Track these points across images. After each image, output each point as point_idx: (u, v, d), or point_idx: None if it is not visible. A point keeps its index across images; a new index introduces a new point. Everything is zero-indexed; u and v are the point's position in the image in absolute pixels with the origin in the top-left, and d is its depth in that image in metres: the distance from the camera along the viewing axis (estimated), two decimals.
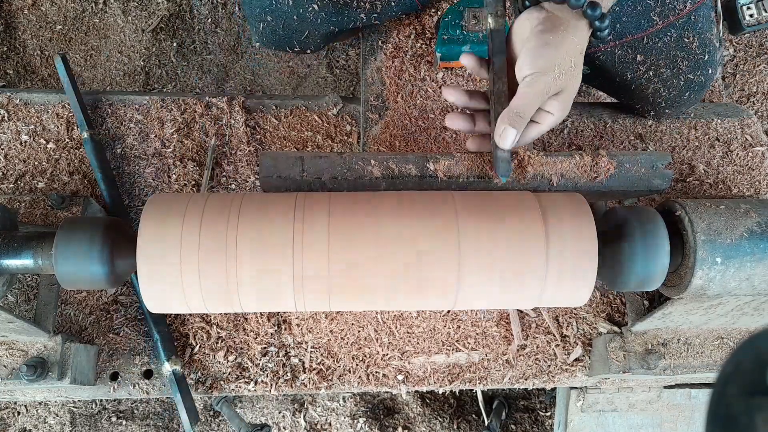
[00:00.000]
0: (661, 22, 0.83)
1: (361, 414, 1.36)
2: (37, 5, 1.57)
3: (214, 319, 0.89)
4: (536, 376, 0.90)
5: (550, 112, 0.69)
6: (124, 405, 1.36)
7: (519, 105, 0.67)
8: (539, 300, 0.68)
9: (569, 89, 0.68)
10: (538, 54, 0.66)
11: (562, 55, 0.65)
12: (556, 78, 0.66)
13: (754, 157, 1.02)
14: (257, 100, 1.02)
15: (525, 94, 0.66)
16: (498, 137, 0.68)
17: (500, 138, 0.67)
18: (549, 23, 0.66)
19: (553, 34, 0.66)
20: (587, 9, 0.65)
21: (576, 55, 0.67)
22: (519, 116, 0.66)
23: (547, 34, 0.66)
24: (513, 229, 0.65)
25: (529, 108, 0.67)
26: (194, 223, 0.65)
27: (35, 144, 0.96)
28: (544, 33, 0.66)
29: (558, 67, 0.65)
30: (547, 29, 0.66)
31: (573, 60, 0.66)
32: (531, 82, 0.66)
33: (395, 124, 0.93)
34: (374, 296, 0.67)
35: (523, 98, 0.66)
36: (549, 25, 0.66)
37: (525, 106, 0.66)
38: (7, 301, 0.86)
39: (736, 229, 0.68)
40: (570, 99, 0.69)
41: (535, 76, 0.66)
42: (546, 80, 0.65)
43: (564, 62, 0.66)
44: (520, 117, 0.66)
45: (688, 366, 0.85)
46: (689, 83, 0.90)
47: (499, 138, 0.67)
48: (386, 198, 0.68)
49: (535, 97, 0.66)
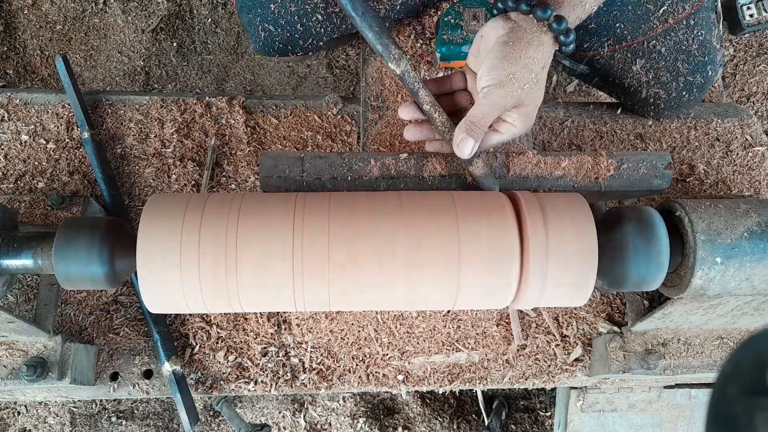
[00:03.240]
0: (660, 26, 0.83)
1: (361, 414, 1.36)
2: (37, 5, 1.57)
3: (214, 319, 0.89)
4: (536, 376, 0.90)
5: (512, 123, 0.69)
6: (124, 405, 1.36)
7: (475, 115, 0.67)
8: (539, 300, 0.68)
9: (529, 102, 0.68)
10: (496, 66, 0.66)
11: (521, 69, 0.65)
12: (514, 91, 0.66)
13: (754, 157, 1.02)
14: (257, 100, 1.02)
15: (481, 105, 0.67)
16: (456, 146, 0.68)
17: (458, 147, 0.68)
18: (513, 35, 0.66)
19: (514, 47, 0.66)
20: (553, 23, 0.65)
21: (538, 70, 0.67)
22: (475, 126, 0.67)
23: (508, 46, 0.66)
24: (513, 229, 0.65)
25: (485, 119, 0.67)
26: (194, 223, 0.65)
27: (35, 144, 0.96)
28: (506, 45, 0.66)
29: (516, 81, 0.65)
30: (509, 41, 0.66)
31: (534, 74, 0.66)
32: (487, 94, 0.66)
33: (395, 124, 0.93)
34: (374, 296, 0.67)
35: (479, 109, 0.67)
36: (512, 36, 0.66)
37: (481, 116, 0.67)
38: (7, 301, 0.86)
39: (736, 229, 0.68)
40: (532, 112, 0.70)
41: (492, 88, 0.66)
42: (502, 93, 0.66)
43: (523, 76, 0.65)
44: (477, 127, 0.67)
45: (688, 366, 0.85)
46: (689, 85, 0.90)
47: (457, 147, 0.68)
48: (386, 198, 0.68)
49: (491, 108, 0.66)
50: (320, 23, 0.87)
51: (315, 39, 0.89)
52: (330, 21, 0.87)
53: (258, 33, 0.90)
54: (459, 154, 0.69)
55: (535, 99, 0.69)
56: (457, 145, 0.68)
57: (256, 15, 0.88)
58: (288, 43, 0.90)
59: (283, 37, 0.89)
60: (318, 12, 0.86)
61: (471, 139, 0.67)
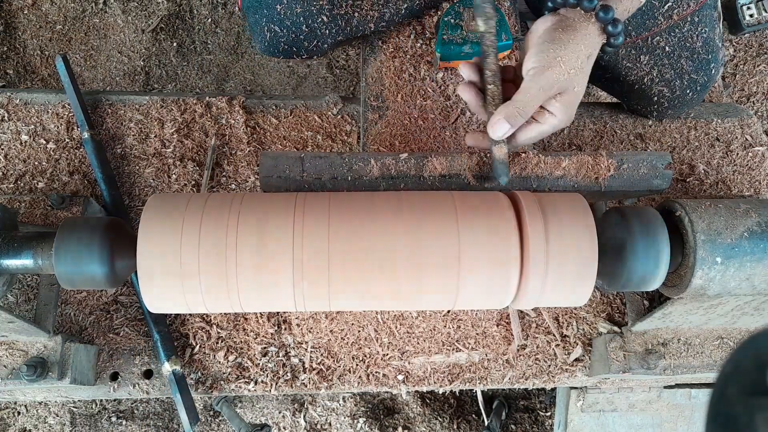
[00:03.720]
0: (665, 22, 0.83)
1: (361, 414, 1.36)
2: (37, 5, 1.57)
3: (214, 319, 0.89)
4: (536, 376, 0.90)
5: (552, 112, 0.69)
6: (124, 405, 1.36)
7: (519, 98, 0.66)
8: (539, 300, 0.68)
9: (573, 90, 0.68)
10: (543, 48, 0.66)
11: (568, 54, 0.65)
12: (560, 74, 0.65)
13: (754, 157, 1.02)
14: (257, 100, 1.02)
15: (527, 88, 0.66)
16: (491, 125, 0.68)
17: (492, 126, 0.67)
18: (560, 24, 0.67)
19: (563, 32, 0.66)
20: (599, 12, 0.65)
21: (583, 58, 0.67)
22: (517, 110, 0.66)
23: (556, 32, 0.66)
24: (513, 229, 0.65)
25: (530, 102, 0.66)
26: (194, 223, 0.65)
27: (35, 144, 0.96)
28: (554, 31, 0.66)
29: (564, 64, 0.65)
30: (557, 28, 0.67)
31: (580, 61, 0.66)
32: (533, 76, 0.66)
33: (395, 124, 0.93)
34: (374, 296, 0.67)
35: (525, 92, 0.66)
36: (560, 24, 0.67)
37: (526, 100, 0.66)
38: (7, 301, 0.86)
39: (736, 228, 0.68)
40: (574, 102, 0.69)
41: (538, 69, 0.66)
42: (548, 74, 0.65)
43: (569, 61, 0.65)
44: (518, 112, 0.66)
45: (688, 366, 0.85)
46: (693, 83, 0.90)
47: (492, 126, 0.67)
48: (386, 198, 0.68)
49: (537, 91, 0.66)
50: (325, 25, 0.87)
51: (320, 41, 0.90)
52: (335, 23, 0.87)
53: (263, 33, 0.90)
54: (490, 133, 0.68)
55: (580, 87, 0.68)
56: (492, 124, 0.67)
57: (262, 16, 0.88)
58: (293, 44, 0.90)
59: (288, 38, 0.89)
60: (323, 14, 0.86)
61: (507, 123, 0.66)
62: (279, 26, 0.88)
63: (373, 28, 0.91)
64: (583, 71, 0.68)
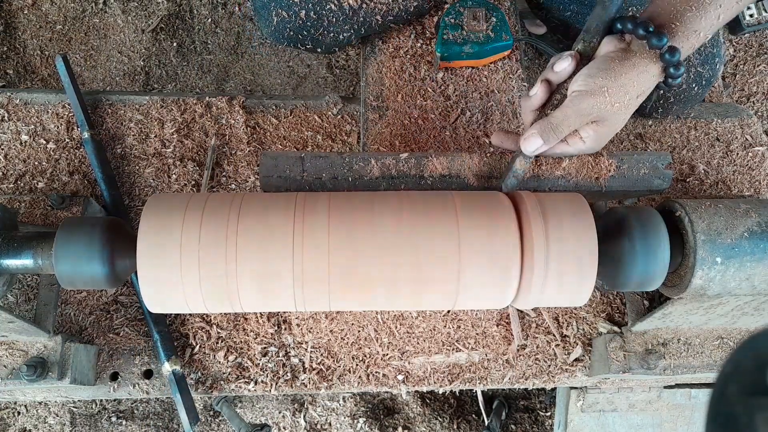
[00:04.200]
0: None
1: (361, 414, 1.36)
2: (37, 5, 1.57)
3: (214, 319, 0.89)
4: (536, 376, 0.90)
5: (583, 138, 0.68)
6: (124, 405, 1.36)
7: (556, 117, 0.66)
8: (539, 300, 0.68)
9: (611, 122, 0.66)
10: (594, 73, 0.64)
11: (617, 86, 0.63)
12: (603, 104, 0.64)
13: (754, 157, 1.02)
14: (257, 100, 1.02)
15: (565, 108, 0.65)
16: (523, 139, 0.67)
17: (525, 140, 0.67)
18: (621, 53, 0.65)
19: (620, 63, 0.64)
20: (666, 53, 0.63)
21: (633, 96, 0.65)
22: (552, 128, 0.65)
23: (613, 62, 0.64)
24: (513, 229, 0.65)
25: (566, 123, 0.65)
26: (194, 223, 0.65)
27: (35, 144, 0.96)
28: (611, 60, 0.64)
29: (609, 95, 0.63)
30: (616, 57, 0.65)
31: (628, 98, 0.65)
32: (574, 98, 0.65)
33: (395, 124, 0.93)
34: (374, 296, 0.67)
35: (562, 111, 0.65)
36: (620, 55, 0.65)
37: (561, 120, 0.65)
38: (7, 301, 0.86)
39: (736, 228, 0.68)
40: (608, 134, 0.68)
41: (581, 93, 0.64)
42: (590, 101, 0.64)
43: (616, 93, 0.64)
44: (553, 129, 0.66)
45: (688, 366, 0.85)
46: (699, 76, 0.90)
47: (524, 140, 0.67)
48: (386, 198, 0.68)
49: (574, 114, 0.65)
50: (333, 13, 0.87)
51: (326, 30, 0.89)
52: (342, 11, 0.87)
53: (270, 18, 0.89)
54: (522, 147, 0.68)
55: (618, 123, 0.67)
56: (525, 138, 0.67)
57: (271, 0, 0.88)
58: (299, 31, 0.90)
59: (296, 25, 0.88)
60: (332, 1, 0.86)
61: (540, 139, 0.66)
62: (287, 11, 0.87)
63: (380, 21, 0.90)
64: (629, 109, 0.66)
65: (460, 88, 0.97)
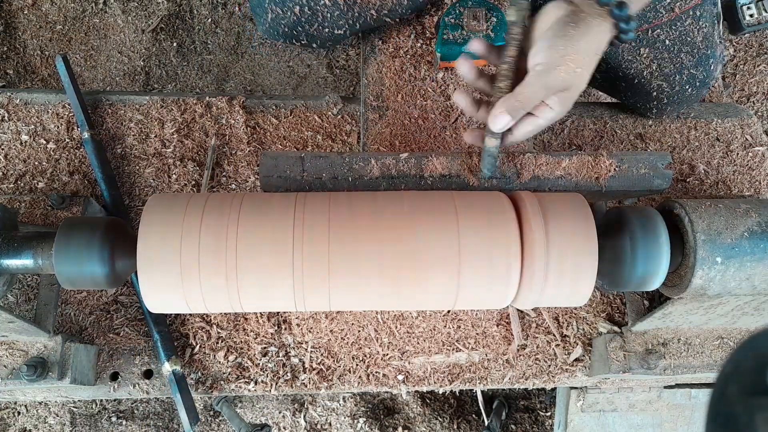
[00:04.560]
0: (666, 15, 0.83)
1: (361, 414, 1.36)
2: (37, 5, 1.57)
3: (214, 319, 0.89)
4: (536, 376, 0.90)
5: (551, 106, 0.68)
6: (124, 405, 1.36)
7: (522, 92, 0.65)
8: (539, 300, 0.68)
9: (576, 87, 0.67)
10: (554, 44, 0.64)
11: (577, 51, 0.64)
12: (568, 73, 0.64)
13: (754, 157, 1.02)
14: (257, 100, 1.02)
15: (530, 83, 0.65)
16: (491, 117, 0.66)
17: (492, 119, 0.66)
18: (574, 16, 0.65)
19: (575, 27, 0.64)
20: (614, 8, 0.64)
21: (591, 55, 0.66)
22: (519, 103, 0.65)
23: (568, 27, 0.64)
24: (513, 229, 0.65)
25: (532, 97, 0.65)
26: (194, 223, 0.65)
27: (35, 144, 0.96)
28: (566, 25, 0.64)
29: (572, 62, 0.64)
30: (570, 21, 0.65)
31: (587, 59, 0.65)
32: (540, 73, 0.65)
33: (395, 124, 0.93)
34: (374, 296, 0.67)
35: (528, 87, 0.65)
36: (573, 18, 0.65)
37: (528, 94, 0.65)
38: (7, 301, 0.86)
39: (736, 228, 0.68)
40: (574, 97, 0.68)
41: (545, 66, 0.64)
42: (556, 74, 0.64)
43: (578, 58, 0.64)
44: (520, 104, 0.65)
45: (688, 366, 0.85)
46: (692, 78, 0.90)
47: (493, 118, 0.66)
48: (386, 198, 0.68)
49: (541, 88, 0.65)
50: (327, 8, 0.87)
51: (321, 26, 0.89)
52: (336, 6, 0.87)
53: (265, 15, 0.89)
54: (490, 125, 0.67)
55: (582, 84, 0.67)
56: (493, 116, 0.66)
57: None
58: (294, 27, 0.89)
59: (290, 20, 0.88)
60: None
61: (508, 116, 0.65)
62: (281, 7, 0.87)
63: (375, 15, 0.90)
64: (589, 68, 0.66)
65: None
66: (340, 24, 0.90)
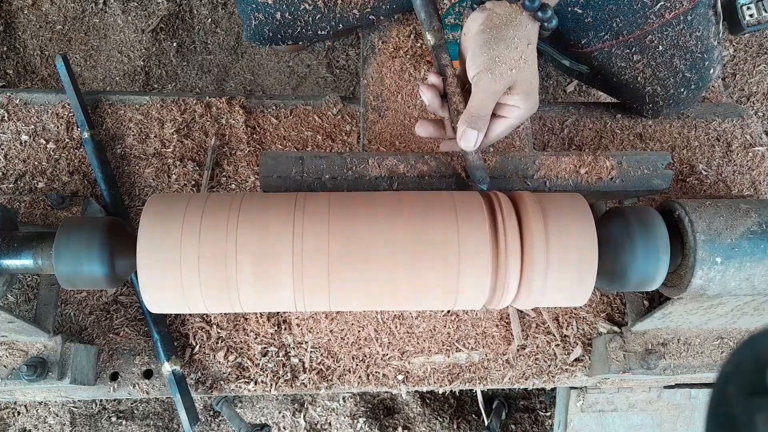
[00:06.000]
0: (657, 21, 0.83)
1: (361, 414, 1.36)
2: (37, 5, 1.57)
3: (214, 319, 0.89)
4: (536, 376, 0.90)
5: (514, 105, 0.69)
6: (124, 405, 1.36)
7: (473, 105, 0.67)
8: (539, 300, 0.68)
9: (523, 81, 0.68)
10: (478, 53, 0.66)
11: (503, 50, 0.65)
12: (503, 73, 0.65)
13: (754, 157, 1.02)
14: (257, 100, 1.02)
15: (476, 93, 0.67)
16: (460, 141, 0.68)
17: (462, 141, 0.68)
18: (489, 21, 0.67)
19: (492, 31, 0.66)
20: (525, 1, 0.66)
21: (523, 48, 0.66)
22: (476, 116, 0.67)
23: (486, 32, 0.66)
24: (513, 229, 0.65)
25: (484, 106, 0.67)
26: (194, 223, 0.65)
27: (35, 144, 0.96)
28: (484, 32, 0.66)
29: (502, 62, 0.65)
30: (486, 28, 0.66)
31: (520, 53, 0.66)
32: (477, 81, 0.66)
33: (395, 124, 0.93)
34: (374, 296, 0.67)
35: (474, 99, 0.67)
36: (489, 23, 0.67)
37: (479, 105, 0.67)
38: (7, 301, 0.86)
39: (736, 229, 0.68)
40: (531, 90, 0.69)
41: (480, 74, 0.66)
42: (489, 77, 0.65)
43: (508, 56, 0.65)
44: (478, 117, 0.67)
45: (688, 366, 0.85)
46: (686, 81, 0.90)
47: (462, 141, 0.68)
48: (386, 198, 0.68)
49: (486, 95, 0.66)
50: (308, 12, 0.87)
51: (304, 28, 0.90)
52: (317, 9, 0.87)
53: (249, 21, 0.90)
54: (465, 147, 0.68)
55: (529, 77, 0.68)
56: (460, 139, 0.68)
57: (248, 3, 0.88)
58: (277, 31, 0.90)
59: (273, 25, 0.89)
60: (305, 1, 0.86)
61: (473, 130, 0.67)
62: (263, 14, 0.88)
63: (358, 15, 0.90)
64: (528, 61, 0.67)
65: None
66: (322, 26, 0.90)
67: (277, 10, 0.87)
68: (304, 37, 0.93)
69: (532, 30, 0.68)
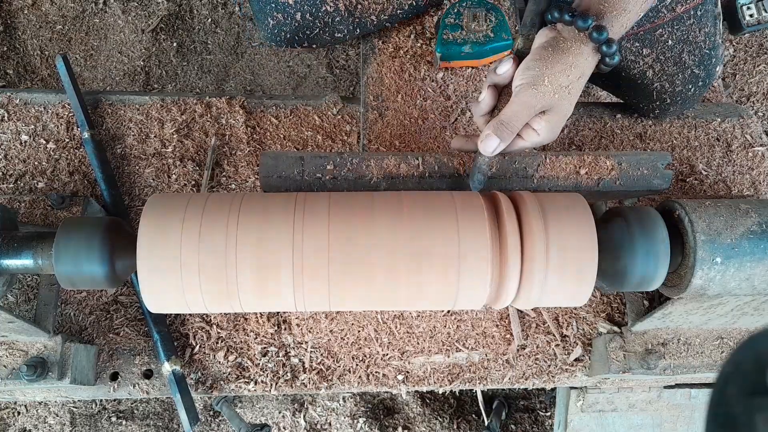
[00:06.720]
0: (668, 14, 0.83)
1: (361, 414, 1.36)
2: (37, 5, 1.57)
3: (214, 319, 0.89)
4: (536, 376, 0.90)
5: (536, 130, 0.69)
6: (124, 405, 1.36)
7: (506, 113, 0.67)
8: (539, 300, 0.68)
9: (559, 109, 0.68)
10: (530, 66, 0.66)
11: (555, 73, 0.65)
12: (545, 93, 0.65)
13: (754, 157, 1.02)
14: (257, 100, 1.02)
15: (512, 104, 0.67)
16: (481, 141, 0.68)
17: (483, 143, 0.68)
18: (553, 41, 0.67)
19: (552, 51, 0.66)
20: (593, 32, 0.65)
21: (573, 79, 0.66)
22: (504, 126, 0.67)
23: (546, 50, 0.66)
24: (513, 229, 0.65)
25: (516, 118, 0.67)
26: (194, 223, 0.65)
27: (35, 144, 0.96)
28: (544, 49, 0.66)
29: (549, 83, 0.65)
30: (547, 45, 0.67)
31: (568, 82, 0.66)
32: (518, 92, 0.66)
33: (395, 124, 0.93)
34: (374, 296, 0.67)
35: (510, 108, 0.67)
36: (552, 42, 0.67)
37: (511, 116, 0.67)
38: (7, 301, 0.86)
39: (736, 229, 0.68)
40: (559, 121, 0.69)
41: (523, 86, 0.66)
42: (532, 92, 0.65)
43: (556, 80, 0.65)
44: (506, 127, 0.67)
45: (688, 366, 0.85)
46: (694, 78, 0.90)
47: (482, 143, 0.68)
48: (386, 198, 0.68)
49: (521, 107, 0.66)
50: (329, 14, 0.88)
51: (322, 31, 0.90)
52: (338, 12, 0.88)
53: (267, 21, 0.90)
54: (482, 150, 0.68)
55: (564, 108, 0.68)
56: (482, 141, 0.68)
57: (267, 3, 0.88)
58: (296, 33, 0.90)
59: (292, 27, 0.89)
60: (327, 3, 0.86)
61: (497, 138, 0.67)
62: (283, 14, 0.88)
63: (375, 21, 0.90)
64: (572, 93, 0.67)
65: (460, 88, 0.97)
66: (340, 29, 0.91)
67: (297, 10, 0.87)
68: (320, 39, 0.93)
69: (590, 62, 0.68)
